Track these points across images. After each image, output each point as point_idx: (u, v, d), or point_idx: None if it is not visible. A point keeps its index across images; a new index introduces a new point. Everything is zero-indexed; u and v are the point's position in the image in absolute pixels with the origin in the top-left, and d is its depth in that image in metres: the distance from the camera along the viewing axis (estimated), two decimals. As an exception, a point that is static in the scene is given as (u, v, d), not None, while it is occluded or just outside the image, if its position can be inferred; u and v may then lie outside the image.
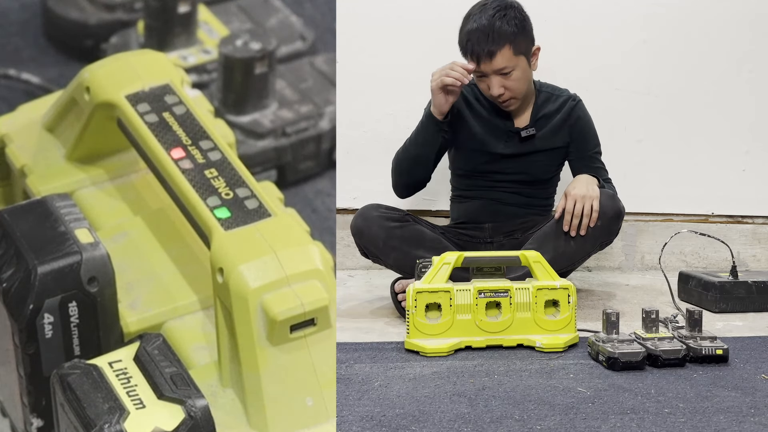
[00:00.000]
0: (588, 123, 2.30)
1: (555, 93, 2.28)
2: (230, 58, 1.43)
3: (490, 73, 2.12)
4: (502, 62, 2.10)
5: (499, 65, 2.11)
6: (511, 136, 2.25)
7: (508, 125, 2.25)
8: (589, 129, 2.30)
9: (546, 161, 2.28)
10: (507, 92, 2.15)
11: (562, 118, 2.26)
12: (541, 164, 2.27)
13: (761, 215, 2.82)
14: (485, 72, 2.12)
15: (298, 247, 1.05)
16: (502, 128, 2.25)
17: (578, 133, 2.28)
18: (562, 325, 1.71)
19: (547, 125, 2.25)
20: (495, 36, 2.08)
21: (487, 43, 2.08)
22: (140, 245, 1.19)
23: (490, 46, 2.08)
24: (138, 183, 1.26)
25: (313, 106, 1.51)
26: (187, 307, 1.15)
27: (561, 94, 2.29)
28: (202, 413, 0.95)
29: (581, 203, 2.05)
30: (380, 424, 1.25)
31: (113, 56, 1.25)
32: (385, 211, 2.13)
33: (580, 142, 2.28)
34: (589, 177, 2.15)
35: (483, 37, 2.08)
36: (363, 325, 1.94)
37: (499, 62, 2.10)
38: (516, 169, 2.26)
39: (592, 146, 2.30)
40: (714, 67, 2.77)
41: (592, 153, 2.29)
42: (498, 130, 2.25)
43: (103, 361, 1.00)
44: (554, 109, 2.26)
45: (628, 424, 1.26)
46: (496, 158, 2.26)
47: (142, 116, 1.16)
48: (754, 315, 2.09)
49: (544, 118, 2.25)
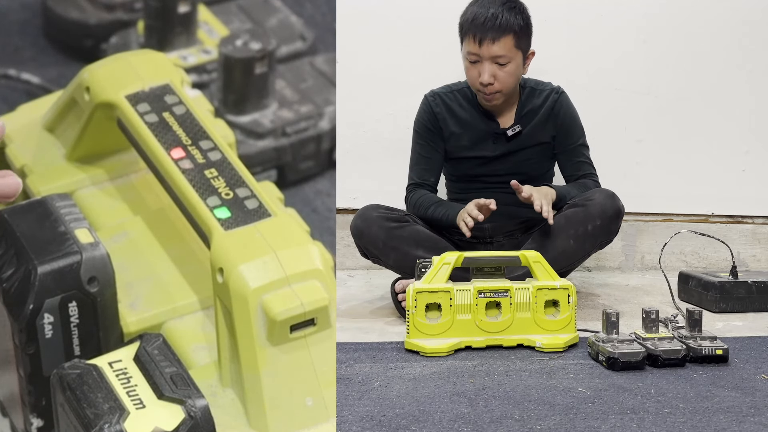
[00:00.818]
0: (571, 115, 2.29)
1: (538, 87, 2.28)
2: (230, 58, 1.43)
3: (485, 59, 2.12)
4: (502, 50, 2.11)
5: (499, 52, 2.11)
6: (498, 137, 2.25)
7: (494, 127, 2.25)
8: (573, 121, 2.29)
9: (536, 158, 2.28)
10: (496, 83, 2.14)
11: (546, 112, 2.26)
12: (531, 161, 2.27)
13: (761, 215, 2.82)
14: (481, 57, 2.12)
15: (298, 247, 1.05)
16: (488, 131, 2.25)
17: (561, 126, 2.27)
18: (562, 325, 1.71)
19: (532, 121, 2.25)
20: (502, 22, 2.10)
21: (493, 27, 2.10)
22: (140, 245, 1.19)
23: (495, 30, 2.10)
24: (138, 183, 1.26)
25: (313, 106, 1.51)
26: (187, 307, 1.15)
27: (544, 88, 2.28)
28: (202, 413, 0.95)
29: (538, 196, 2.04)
30: (380, 424, 1.25)
31: (113, 56, 1.25)
32: (385, 211, 2.14)
33: (564, 135, 2.27)
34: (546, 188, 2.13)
35: (491, 20, 2.10)
36: (363, 325, 1.94)
37: (499, 48, 2.11)
38: (507, 169, 2.26)
39: (576, 138, 2.28)
40: (714, 67, 2.77)
41: (575, 146, 2.28)
42: (484, 133, 2.25)
43: (103, 361, 1.00)
44: (538, 104, 2.26)
45: (628, 424, 1.26)
46: (486, 161, 2.26)
47: (142, 116, 1.16)
48: (754, 315, 2.09)
49: (529, 114, 2.25)
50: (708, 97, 2.78)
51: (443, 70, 2.50)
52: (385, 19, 2.70)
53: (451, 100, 2.27)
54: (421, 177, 2.27)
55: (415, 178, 2.28)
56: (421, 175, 2.27)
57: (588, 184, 2.23)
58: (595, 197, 2.12)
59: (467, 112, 2.26)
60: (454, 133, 2.26)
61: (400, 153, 2.59)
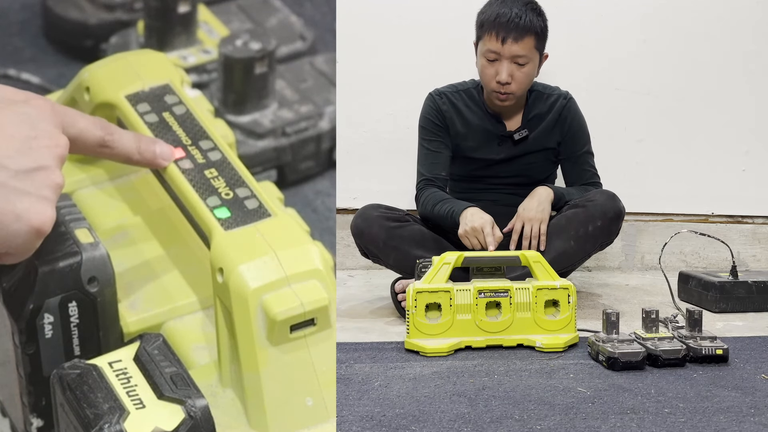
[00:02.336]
0: (578, 122, 2.29)
1: (546, 92, 2.28)
2: (230, 58, 1.43)
3: (505, 58, 2.12)
4: (524, 50, 2.11)
5: (520, 52, 2.11)
6: (504, 140, 2.25)
7: (500, 129, 2.25)
8: (580, 128, 2.29)
9: (540, 162, 2.28)
10: (513, 84, 2.14)
11: (554, 118, 2.26)
12: (536, 165, 2.27)
13: (761, 215, 2.82)
14: (501, 55, 2.12)
15: (298, 247, 1.05)
16: (494, 133, 2.25)
17: (567, 133, 2.27)
18: (562, 325, 1.71)
19: (539, 125, 2.25)
20: (526, 22, 2.11)
21: (517, 27, 2.10)
22: (140, 245, 1.19)
23: (519, 29, 2.10)
24: (138, 183, 1.26)
25: (313, 106, 1.50)
26: (187, 307, 1.15)
27: (552, 93, 2.28)
28: (202, 413, 0.95)
29: (528, 225, 2.05)
30: (380, 424, 1.25)
31: (113, 56, 1.25)
32: (385, 211, 2.14)
33: (570, 142, 2.27)
34: (544, 193, 2.12)
35: (515, 19, 2.10)
36: (363, 325, 1.94)
37: (520, 48, 2.11)
38: (511, 172, 2.26)
39: (581, 146, 2.28)
40: (714, 67, 2.77)
41: (581, 153, 2.28)
42: (491, 135, 2.25)
43: (103, 361, 1.00)
44: (546, 109, 2.26)
45: (628, 424, 1.26)
46: (491, 163, 2.26)
47: (142, 116, 1.16)
48: (754, 315, 2.09)
49: (536, 118, 2.25)
50: (708, 97, 2.78)
51: (443, 70, 2.50)
52: (385, 19, 2.70)
53: (457, 99, 2.27)
54: (431, 172, 2.25)
55: (425, 174, 2.25)
56: (430, 170, 2.25)
57: (590, 189, 2.22)
58: (596, 198, 2.12)
59: (474, 113, 2.25)
60: (460, 133, 2.25)
61: (400, 153, 2.60)
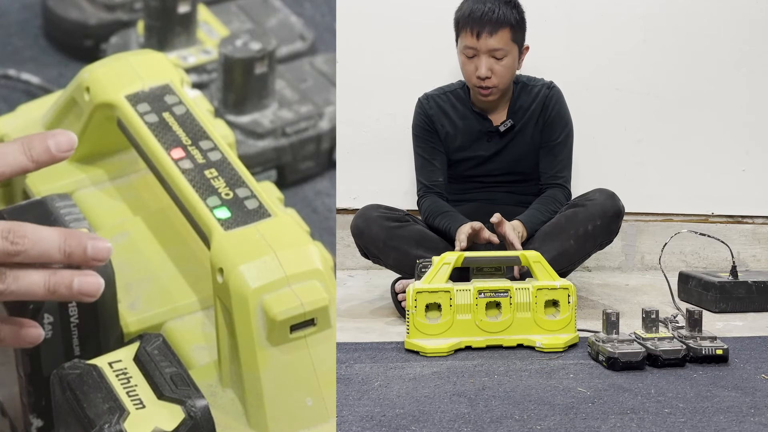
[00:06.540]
0: (559, 110, 2.27)
1: (530, 83, 2.28)
2: (230, 58, 1.43)
3: (483, 52, 2.14)
4: (500, 43, 2.13)
5: (496, 45, 2.12)
6: (492, 135, 2.26)
7: (487, 125, 2.26)
8: (559, 116, 2.27)
9: (530, 155, 2.28)
10: (493, 77, 2.15)
11: (538, 108, 2.26)
12: (525, 159, 2.27)
13: (761, 215, 2.82)
14: (479, 50, 2.14)
15: (298, 247, 1.05)
16: (481, 130, 2.26)
17: (547, 120, 2.27)
18: (562, 325, 1.71)
19: (524, 116, 2.25)
20: (500, 15, 2.12)
21: (490, 21, 2.12)
22: (140, 245, 1.19)
23: (493, 23, 2.12)
24: (138, 183, 1.26)
25: (313, 106, 1.50)
26: (187, 307, 1.15)
27: (536, 84, 2.29)
28: (202, 413, 0.95)
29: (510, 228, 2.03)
30: (380, 424, 1.25)
31: (113, 56, 1.25)
32: (385, 211, 2.14)
33: (548, 129, 2.27)
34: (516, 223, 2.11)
35: (488, 14, 2.12)
36: (363, 325, 1.94)
37: (496, 41, 2.12)
38: (503, 168, 2.27)
39: (558, 135, 2.26)
40: (714, 67, 2.77)
41: (556, 143, 2.26)
42: (478, 132, 2.26)
43: (103, 361, 1.00)
44: (530, 99, 2.26)
45: (628, 424, 1.26)
46: (482, 160, 2.27)
47: (141, 116, 1.16)
48: (754, 315, 2.09)
49: (521, 110, 2.26)
50: (708, 97, 2.78)
51: (443, 70, 2.51)
52: (385, 19, 2.70)
53: (444, 101, 2.28)
54: (429, 179, 2.28)
55: (424, 182, 2.28)
56: (429, 177, 2.28)
57: (557, 196, 2.22)
58: (595, 197, 2.12)
59: (460, 113, 2.27)
60: (449, 134, 2.27)
61: (400, 153, 2.60)
